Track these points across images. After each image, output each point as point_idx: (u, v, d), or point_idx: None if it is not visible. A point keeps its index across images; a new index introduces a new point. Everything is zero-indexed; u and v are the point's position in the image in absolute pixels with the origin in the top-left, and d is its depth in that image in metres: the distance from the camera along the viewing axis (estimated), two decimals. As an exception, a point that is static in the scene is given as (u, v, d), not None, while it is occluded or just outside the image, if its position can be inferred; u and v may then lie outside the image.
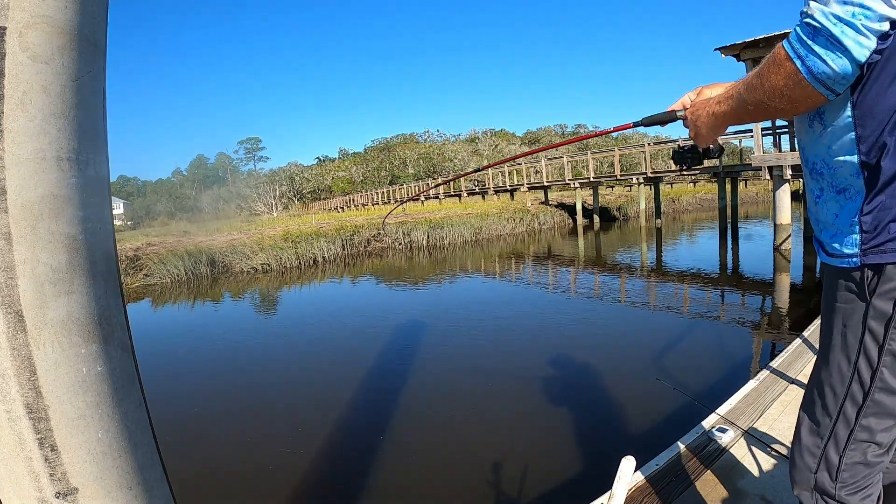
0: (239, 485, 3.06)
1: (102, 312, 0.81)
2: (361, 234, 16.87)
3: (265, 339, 6.96)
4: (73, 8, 0.76)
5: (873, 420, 0.79)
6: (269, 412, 4.21)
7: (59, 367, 0.74)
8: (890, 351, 0.74)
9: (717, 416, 2.09)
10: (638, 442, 3.13)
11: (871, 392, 0.78)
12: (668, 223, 21.15)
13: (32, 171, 0.72)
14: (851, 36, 0.61)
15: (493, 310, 7.63)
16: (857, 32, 0.61)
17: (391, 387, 4.50)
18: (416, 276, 11.99)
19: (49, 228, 0.73)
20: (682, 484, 1.67)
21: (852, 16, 0.61)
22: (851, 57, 0.62)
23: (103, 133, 0.85)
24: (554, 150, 52.38)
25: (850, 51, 0.62)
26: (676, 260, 11.72)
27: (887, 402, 0.77)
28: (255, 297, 10.88)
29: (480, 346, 5.59)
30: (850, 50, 0.62)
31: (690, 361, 4.68)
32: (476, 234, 18.46)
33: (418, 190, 32.97)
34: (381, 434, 3.57)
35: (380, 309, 8.47)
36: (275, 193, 44.90)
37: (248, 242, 15.11)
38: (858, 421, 0.80)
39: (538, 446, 3.25)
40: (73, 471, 0.76)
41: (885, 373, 0.76)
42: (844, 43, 0.62)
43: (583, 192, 21.99)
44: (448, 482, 2.93)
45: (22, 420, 0.72)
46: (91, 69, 0.80)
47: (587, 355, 5.00)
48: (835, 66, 0.63)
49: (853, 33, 0.61)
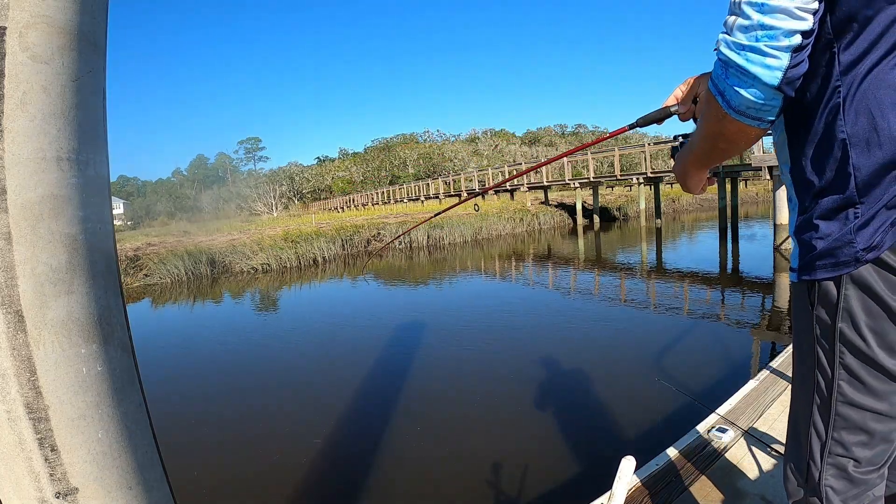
0: (239, 485, 3.06)
1: (102, 312, 0.81)
2: (361, 234, 16.87)
3: (265, 338, 6.96)
4: (73, 8, 0.76)
5: (845, 434, 0.76)
6: (269, 412, 4.21)
7: (59, 367, 0.74)
8: (843, 364, 0.72)
9: (717, 417, 2.09)
10: (638, 442, 3.13)
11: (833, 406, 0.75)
12: (668, 223, 21.16)
13: (32, 171, 0.72)
14: (757, 61, 0.60)
15: (493, 310, 7.63)
16: (762, 56, 0.59)
17: (391, 386, 4.50)
18: (416, 277, 11.99)
19: (49, 228, 0.73)
20: (682, 484, 1.67)
21: (756, 40, 0.59)
22: (762, 83, 0.60)
23: (103, 133, 0.85)
24: (554, 150, 52.22)
25: (760, 77, 0.60)
26: (676, 260, 11.72)
27: (854, 417, 0.74)
28: (255, 297, 10.89)
29: (480, 347, 5.59)
30: (760, 76, 0.60)
31: (690, 361, 4.68)
32: (476, 234, 18.46)
33: (418, 190, 32.98)
34: (382, 434, 3.57)
35: (380, 309, 8.47)
36: (275, 193, 44.92)
37: (248, 242, 15.11)
38: (829, 434, 0.77)
39: (538, 446, 3.25)
40: (73, 471, 0.76)
41: (844, 386, 0.73)
42: (752, 71, 0.60)
43: (583, 192, 21.99)
44: (448, 482, 2.93)
45: (22, 420, 0.72)
46: (91, 69, 0.80)
47: (587, 355, 5.00)
48: (749, 96, 0.62)
49: (759, 58, 0.60)
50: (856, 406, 0.73)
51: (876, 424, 0.73)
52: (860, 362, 0.71)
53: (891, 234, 0.62)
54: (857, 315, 0.69)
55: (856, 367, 0.71)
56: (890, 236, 0.62)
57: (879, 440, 0.75)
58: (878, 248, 0.63)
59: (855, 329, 0.69)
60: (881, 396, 0.71)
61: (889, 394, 0.71)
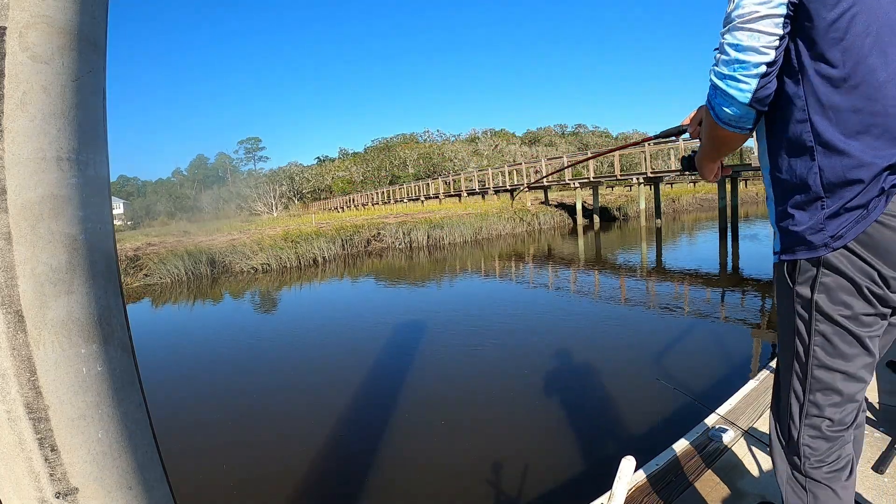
0: (239, 485, 3.06)
1: (102, 312, 0.81)
2: (361, 234, 16.87)
3: (265, 338, 6.96)
4: (73, 8, 0.76)
5: (819, 396, 0.90)
6: (269, 412, 4.21)
7: (59, 367, 0.74)
8: (818, 331, 0.87)
9: (717, 416, 2.09)
10: (638, 442, 3.13)
11: (809, 370, 0.90)
12: (668, 223, 21.15)
13: (32, 171, 0.72)
14: (734, 86, 0.80)
15: (493, 310, 7.63)
16: (737, 82, 0.80)
17: (391, 387, 4.50)
18: (417, 277, 11.99)
19: (49, 228, 0.73)
20: (682, 484, 1.67)
21: (733, 70, 0.79)
22: (738, 102, 0.81)
23: (103, 133, 0.85)
24: (554, 149, 52.25)
25: (735, 97, 0.80)
26: (676, 260, 11.72)
27: (826, 378, 0.89)
28: (255, 297, 10.89)
29: (480, 346, 5.59)
30: (735, 97, 0.80)
31: (690, 361, 4.68)
32: (476, 234, 18.45)
33: (418, 190, 32.98)
34: (381, 434, 3.57)
35: (380, 309, 8.47)
36: (275, 193, 44.91)
37: (248, 242, 15.11)
38: (807, 397, 0.92)
39: (538, 446, 3.25)
40: (73, 471, 0.76)
41: (818, 351, 0.88)
42: (730, 93, 0.81)
43: (583, 192, 21.99)
44: (448, 482, 2.93)
45: (22, 420, 0.72)
46: (91, 69, 0.80)
47: (587, 355, 5.00)
48: (729, 111, 0.83)
49: (734, 83, 0.80)
50: (828, 368, 0.88)
51: (844, 385, 0.89)
52: (832, 329, 0.86)
53: (853, 230, 0.79)
54: (830, 289, 0.84)
55: (829, 332, 0.87)
56: (852, 232, 0.79)
57: (847, 400, 0.90)
58: (842, 238, 0.80)
59: (829, 300, 0.85)
60: (849, 358, 0.87)
61: (854, 356, 0.87)
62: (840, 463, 0.92)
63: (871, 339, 0.86)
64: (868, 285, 0.81)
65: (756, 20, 0.77)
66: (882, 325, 0.87)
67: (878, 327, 0.86)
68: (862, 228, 0.78)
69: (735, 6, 0.78)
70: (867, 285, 0.81)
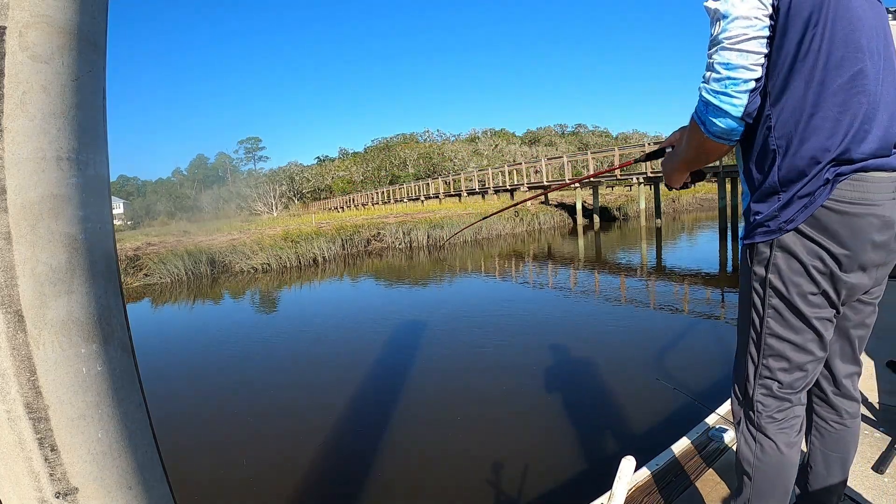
0: (239, 485, 3.06)
1: (102, 312, 0.81)
2: (361, 234, 16.87)
3: (265, 338, 6.96)
4: (73, 8, 0.75)
5: (771, 360, 1.02)
6: (269, 412, 4.21)
7: (59, 367, 0.74)
8: (770, 305, 0.99)
9: (717, 416, 2.09)
10: (638, 442, 3.13)
11: (763, 338, 1.02)
12: (668, 223, 21.15)
13: (32, 170, 0.72)
14: (727, 101, 0.88)
15: (493, 310, 7.63)
16: (730, 97, 0.88)
17: (391, 387, 4.50)
18: (417, 276, 11.99)
19: (49, 228, 0.73)
20: (683, 484, 1.67)
21: (725, 87, 0.88)
22: (732, 115, 0.90)
23: (103, 133, 0.85)
24: (554, 149, 52.28)
25: (729, 112, 0.89)
26: (676, 260, 11.72)
27: (777, 346, 1.01)
28: (255, 296, 10.89)
29: (480, 346, 5.59)
30: (729, 111, 0.89)
31: (690, 361, 4.69)
32: (476, 233, 18.46)
33: (418, 190, 32.97)
34: (382, 434, 3.58)
35: (380, 309, 8.47)
36: (275, 193, 44.88)
37: (248, 242, 15.11)
38: (760, 361, 1.04)
39: (538, 446, 3.25)
40: (73, 471, 0.76)
41: (771, 322, 1.00)
42: (724, 108, 0.89)
43: (583, 191, 21.98)
44: (448, 482, 2.93)
45: (22, 420, 0.72)
46: (91, 69, 0.80)
47: (587, 355, 5.00)
48: (722, 125, 0.92)
49: (728, 99, 0.88)
50: (778, 337, 1.00)
51: (793, 354, 1.00)
52: (782, 304, 0.98)
53: (802, 215, 0.90)
54: (781, 269, 0.96)
55: (780, 307, 0.99)
56: (802, 216, 0.90)
57: (795, 367, 1.01)
58: (794, 222, 0.91)
59: (780, 279, 0.96)
60: (797, 331, 0.99)
61: (802, 330, 0.98)
62: (788, 423, 1.04)
63: (819, 319, 0.97)
64: (815, 264, 0.92)
65: (745, 41, 0.86)
66: (830, 310, 0.97)
67: (827, 310, 0.97)
68: (809, 213, 0.89)
69: (722, 29, 0.87)
70: (814, 264, 0.92)
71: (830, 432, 1.13)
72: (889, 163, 0.89)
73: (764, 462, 1.05)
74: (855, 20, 0.87)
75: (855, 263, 0.92)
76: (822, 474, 1.15)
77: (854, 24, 0.87)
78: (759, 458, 1.05)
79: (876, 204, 0.89)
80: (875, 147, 0.87)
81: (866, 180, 0.88)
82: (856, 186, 0.88)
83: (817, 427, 1.15)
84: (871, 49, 0.88)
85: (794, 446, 1.05)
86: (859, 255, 0.91)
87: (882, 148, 0.88)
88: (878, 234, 0.90)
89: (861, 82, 0.86)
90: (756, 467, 1.06)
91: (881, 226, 0.90)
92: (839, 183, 0.88)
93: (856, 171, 0.87)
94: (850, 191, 0.88)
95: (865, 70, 0.87)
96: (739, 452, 1.10)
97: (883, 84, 0.89)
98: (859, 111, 0.86)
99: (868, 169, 0.88)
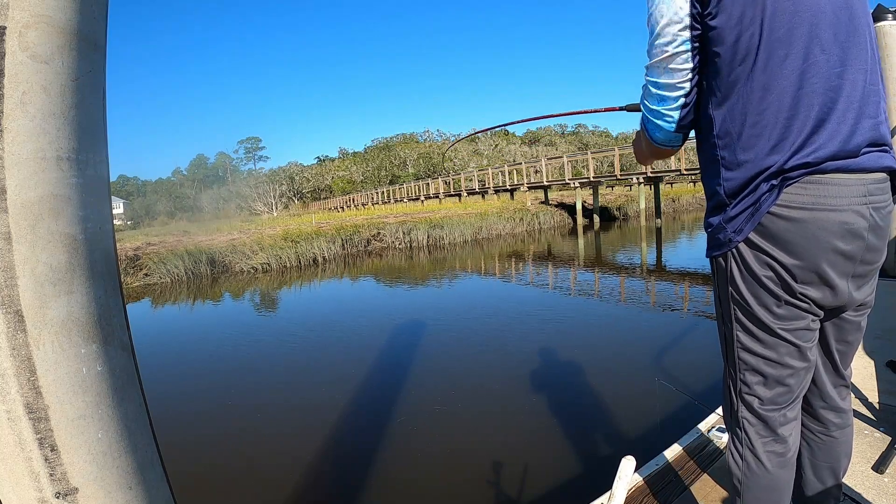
0: (239, 485, 3.06)
1: (102, 312, 0.81)
2: (361, 234, 16.87)
3: (265, 338, 6.96)
4: (73, 8, 0.76)
5: (748, 375, 0.97)
6: (270, 412, 4.21)
7: (59, 367, 0.74)
8: (736, 319, 0.95)
9: (717, 416, 2.09)
10: (638, 442, 3.13)
11: (736, 352, 0.97)
12: (668, 223, 21.15)
13: (32, 170, 0.72)
14: (661, 117, 0.95)
15: (493, 310, 7.63)
16: (662, 115, 0.94)
17: (391, 387, 4.50)
18: (417, 276, 11.99)
19: (49, 228, 0.73)
20: (683, 483, 1.67)
21: (657, 104, 0.94)
22: (665, 129, 0.96)
23: (103, 133, 0.85)
24: (553, 149, 52.23)
25: (663, 126, 0.96)
26: (676, 260, 11.72)
27: (750, 361, 0.95)
28: (254, 296, 10.89)
29: (480, 346, 5.59)
30: (662, 126, 0.96)
31: (690, 361, 4.68)
32: (476, 233, 18.45)
33: (418, 190, 32.98)
34: (381, 434, 3.58)
35: (379, 309, 8.47)
36: (275, 193, 44.91)
37: (247, 242, 15.11)
38: (738, 376, 0.99)
39: (538, 446, 3.25)
40: (73, 471, 0.76)
41: (740, 336, 0.95)
42: (658, 123, 0.96)
43: (583, 191, 21.98)
44: (448, 482, 2.93)
45: (22, 420, 0.72)
46: (91, 69, 0.80)
47: (587, 355, 5.00)
48: (661, 136, 0.98)
49: (660, 116, 0.95)
50: (750, 352, 0.95)
51: (768, 368, 0.94)
52: (746, 317, 0.93)
53: (749, 224, 0.86)
54: (738, 281, 0.92)
55: (745, 320, 0.94)
56: (749, 225, 0.86)
57: (774, 382, 0.95)
58: (741, 232, 0.87)
59: (738, 292, 0.92)
60: (768, 346, 0.92)
61: (774, 344, 0.92)
62: (777, 440, 0.98)
63: (792, 331, 0.90)
64: (768, 275, 0.87)
65: (667, 59, 0.88)
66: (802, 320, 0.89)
67: (799, 321, 0.89)
68: (756, 221, 0.85)
69: (650, 46, 0.90)
70: (766, 275, 0.87)
71: (818, 443, 1.08)
72: (856, 163, 0.81)
73: (751, 480, 0.99)
74: (802, 10, 0.78)
75: (812, 275, 0.84)
76: (812, 481, 1.11)
77: (800, 16, 0.79)
78: (747, 475, 1.00)
79: (835, 209, 0.80)
80: (834, 149, 0.80)
81: (822, 183, 0.81)
82: (808, 190, 0.81)
83: (804, 437, 1.09)
84: (827, 40, 0.79)
85: (785, 465, 0.99)
86: (817, 265, 0.83)
87: (843, 149, 0.80)
88: (842, 242, 0.82)
89: (811, 80, 0.79)
90: (744, 484, 1.00)
91: (843, 233, 0.81)
92: (787, 187, 0.81)
93: (809, 174, 0.80)
94: (801, 195, 0.81)
95: (817, 65, 0.79)
96: (729, 467, 1.05)
97: (845, 78, 0.80)
98: (810, 112, 0.79)
99: (826, 171, 0.80)
